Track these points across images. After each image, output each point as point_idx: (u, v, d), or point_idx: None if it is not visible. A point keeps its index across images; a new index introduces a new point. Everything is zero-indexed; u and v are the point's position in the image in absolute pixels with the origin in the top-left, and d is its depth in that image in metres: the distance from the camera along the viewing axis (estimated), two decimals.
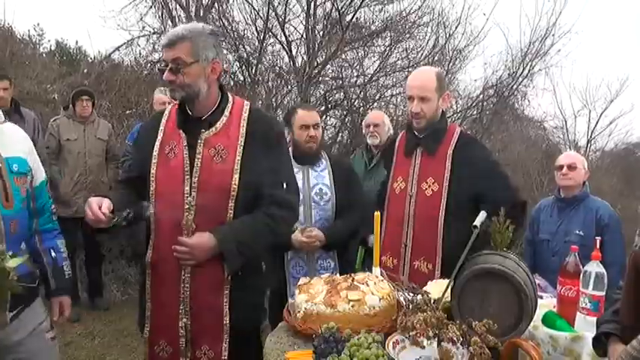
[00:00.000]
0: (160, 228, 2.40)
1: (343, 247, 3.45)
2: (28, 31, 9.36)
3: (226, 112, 2.41)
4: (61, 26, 17.51)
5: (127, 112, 7.73)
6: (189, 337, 2.39)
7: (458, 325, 1.73)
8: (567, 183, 3.82)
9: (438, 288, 2.12)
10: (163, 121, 2.50)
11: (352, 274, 2.26)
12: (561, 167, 3.84)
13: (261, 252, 2.47)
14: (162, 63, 2.33)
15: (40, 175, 2.36)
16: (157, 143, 2.43)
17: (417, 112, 2.86)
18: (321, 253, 3.35)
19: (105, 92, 7.82)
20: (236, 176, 2.32)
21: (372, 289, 2.08)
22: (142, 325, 2.49)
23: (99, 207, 2.22)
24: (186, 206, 2.33)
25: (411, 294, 1.90)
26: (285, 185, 2.42)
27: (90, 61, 9.34)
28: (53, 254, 2.41)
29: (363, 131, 5.10)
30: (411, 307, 1.81)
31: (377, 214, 2.50)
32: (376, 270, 2.38)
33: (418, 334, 1.71)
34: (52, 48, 9.79)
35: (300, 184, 3.32)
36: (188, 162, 2.35)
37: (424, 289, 2.04)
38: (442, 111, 2.97)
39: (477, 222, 1.97)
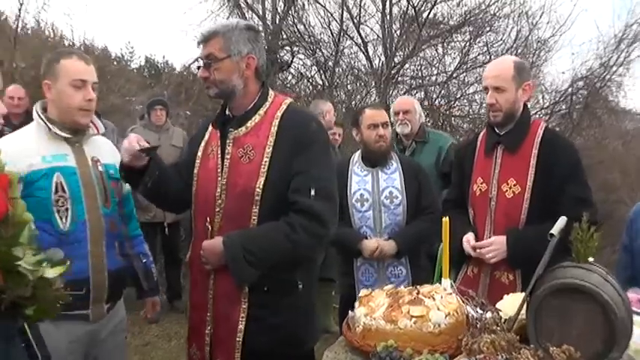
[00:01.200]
0: (195, 229, 2.33)
1: (415, 253, 3.28)
2: (121, 49, 9.85)
3: (261, 111, 2.25)
4: (150, 43, 18.37)
5: (204, 119, 7.89)
6: (211, 347, 2.27)
7: (533, 351, 1.50)
8: None
9: (515, 303, 1.89)
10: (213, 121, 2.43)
11: (417, 287, 2.07)
12: None
13: (280, 265, 2.18)
14: (198, 60, 2.28)
15: (126, 184, 2.49)
16: (203, 144, 2.36)
17: (491, 103, 2.62)
18: (391, 259, 3.21)
19: (184, 101, 8.02)
20: (261, 179, 2.15)
21: (438, 304, 1.88)
22: None
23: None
24: (217, 209, 2.22)
25: (480, 311, 1.69)
26: (313, 192, 2.16)
27: (172, 72, 9.67)
28: (143, 258, 2.60)
29: (391, 119, 4.48)
30: (478, 326, 1.61)
31: (445, 220, 2.27)
32: (445, 282, 2.16)
33: (486, 359, 1.50)
34: (142, 63, 10.25)
35: (369, 186, 3.24)
36: (220, 163, 2.25)
37: (499, 303, 1.83)
38: (524, 104, 2.70)
39: (555, 230, 1.73)
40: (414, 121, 4.30)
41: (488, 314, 1.64)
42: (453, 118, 10.36)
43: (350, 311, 2.06)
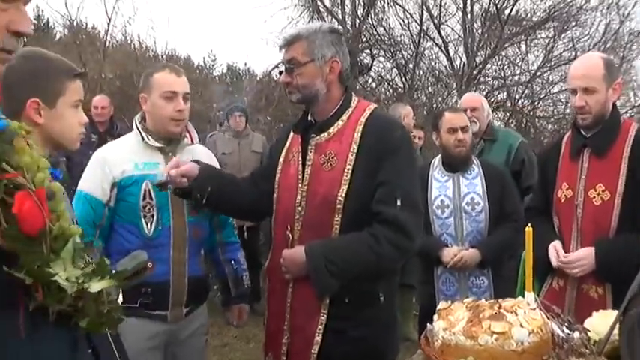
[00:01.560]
0: (275, 237, 2.32)
1: (498, 263, 3.17)
2: (203, 58, 10.21)
3: (344, 117, 2.19)
4: (231, 51, 18.89)
5: (285, 125, 8.01)
6: (287, 356, 2.23)
7: None
8: None
9: (605, 321, 1.77)
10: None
11: (499, 300, 1.98)
12: None
13: (362, 276, 2.11)
14: (280, 65, 2.27)
15: None
16: (284, 151, 2.34)
17: (580, 105, 2.44)
18: (473, 269, 3.12)
19: (264, 107, 8.17)
20: (344, 187, 2.09)
21: (522, 320, 1.79)
22: None
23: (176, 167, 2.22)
24: (296, 217, 2.18)
25: (567, 330, 1.60)
26: (399, 202, 2.08)
27: (253, 79, 9.91)
28: (234, 265, 2.69)
29: None
30: (565, 347, 1.51)
31: (528, 229, 2.16)
32: (529, 296, 2.06)
33: None
34: (224, 71, 10.58)
35: (450, 192, 3.17)
36: (301, 169, 2.21)
37: (588, 321, 1.72)
38: (613, 104, 2.52)
39: None
40: (482, 118, 4.09)
41: (576, 334, 1.55)
42: (536, 119, 10.00)
43: (429, 323, 2.01)
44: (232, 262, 2.69)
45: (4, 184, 1.00)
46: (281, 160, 2.33)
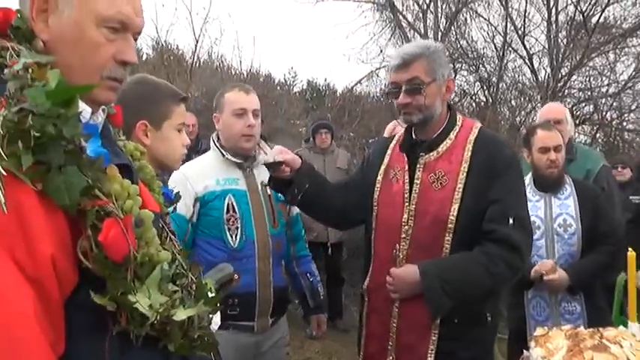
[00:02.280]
0: (377, 255, 2.29)
1: (591, 288, 3.04)
2: (284, 75, 10.43)
3: (452, 135, 2.21)
4: (311, 67, 19.23)
5: (369, 140, 8.03)
6: None
7: None
8: None
9: None
10: (391, 144, 2.42)
11: (601, 329, 1.93)
12: None
13: (475, 297, 2.13)
14: (392, 86, 2.21)
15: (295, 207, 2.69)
16: (383, 167, 2.35)
17: None
18: (565, 294, 3.00)
19: (347, 123, 8.25)
20: (455, 206, 2.09)
21: (627, 353, 1.74)
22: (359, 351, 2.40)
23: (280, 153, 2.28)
24: (402, 235, 2.18)
25: None
26: (512, 221, 2.08)
27: (334, 95, 10.01)
28: (310, 277, 2.80)
29: None
30: None
31: (631, 254, 2.10)
32: (633, 327, 1.99)
33: None
34: (304, 87, 10.77)
35: (541, 213, 3.07)
36: (408, 188, 2.21)
37: None
38: None
39: None
40: (565, 132, 3.74)
41: None
42: (626, 133, 9.56)
43: (524, 350, 1.99)
44: (308, 274, 2.79)
45: (95, 210, 1.03)
46: (379, 177, 2.33)
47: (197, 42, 8.41)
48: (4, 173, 0.94)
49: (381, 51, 10.18)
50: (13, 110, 0.98)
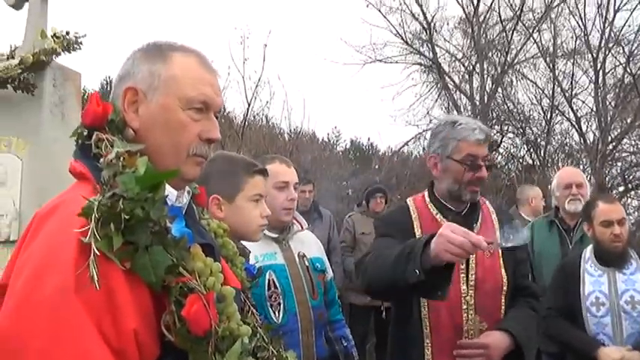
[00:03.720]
0: (438, 329, 2.25)
1: None
2: (327, 134, 10.57)
3: (479, 206, 2.40)
4: (355, 126, 19.49)
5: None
6: None
7: None
8: None
9: None
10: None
11: None
12: None
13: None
14: (470, 158, 2.26)
15: (330, 271, 2.72)
16: None
17: None
18: None
19: (396, 186, 8.26)
20: (503, 271, 2.29)
21: None
22: None
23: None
24: (464, 306, 2.22)
25: None
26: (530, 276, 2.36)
27: (380, 156, 10.06)
28: (344, 342, 2.72)
29: (557, 194, 3.85)
30: None
31: None
32: None
33: None
34: (347, 146, 10.87)
35: (605, 288, 2.96)
36: (464, 260, 2.21)
37: None
38: None
39: None
40: (586, 196, 3.71)
41: None
42: None
43: None
44: (342, 339, 2.73)
45: (179, 287, 1.08)
46: None
47: (249, 105, 8.61)
48: (98, 253, 1.01)
49: (428, 112, 10.26)
50: (107, 195, 1.06)
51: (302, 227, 2.66)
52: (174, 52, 1.26)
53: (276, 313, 2.40)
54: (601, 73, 9.32)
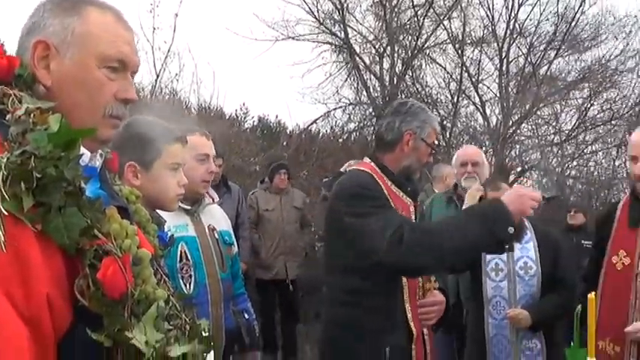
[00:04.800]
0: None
1: (551, 326, 3.17)
2: (235, 110, 10.40)
3: None
4: (263, 103, 19.30)
5: (325, 180, 8.10)
6: None
7: None
8: None
9: None
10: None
11: None
12: None
13: None
14: (434, 145, 2.51)
15: (235, 246, 2.76)
16: None
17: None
18: (526, 332, 3.11)
19: (303, 163, 8.30)
20: None
21: None
22: None
23: None
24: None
25: None
26: None
27: (288, 134, 10.05)
28: (246, 315, 2.77)
29: (454, 171, 4.11)
30: None
31: (591, 296, 2.22)
32: None
33: None
34: (255, 123, 10.74)
35: (504, 256, 3.17)
36: None
37: None
38: None
39: None
40: (482, 174, 3.94)
41: None
42: (568, 179, 10.00)
43: None
44: (244, 312, 2.77)
45: (93, 249, 1.05)
46: None
47: (157, 76, 8.35)
48: (5, 214, 0.96)
49: (337, 91, 10.32)
50: (16, 153, 1.00)
51: (213, 200, 2.65)
52: (89, 7, 1.19)
53: (187, 285, 2.40)
54: (505, 61, 9.80)
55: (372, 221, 2.25)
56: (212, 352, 1.32)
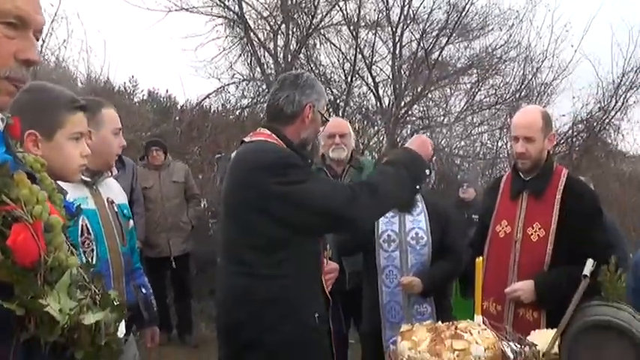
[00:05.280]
0: None
1: (440, 292, 3.41)
2: (124, 83, 9.99)
3: None
4: (153, 77, 18.57)
5: (217, 155, 8.06)
6: None
7: None
8: None
9: (542, 338, 2.05)
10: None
11: (455, 322, 2.24)
12: None
13: None
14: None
15: (132, 220, 2.68)
16: None
17: (522, 152, 2.82)
18: (417, 297, 3.31)
19: (196, 138, 8.18)
20: None
21: (477, 339, 2.04)
22: None
23: None
24: None
25: (518, 345, 1.86)
26: None
27: (180, 108, 9.82)
28: (143, 290, 2.71)
29: (322, 142, 4.04)
30: (519, 359, 1.77)
31: (479, 260, 2.45)
32: (478, 318, 2.32)
33: None
34: (145, 97, 10.38)
35: (396, 227, 3.36)
36: None
37: (528, 339, 1.99)
38: (548, 152, 2.91)
39: (587, 271, 1.91)
40: (349, 145, 3.99)
41: (527, 348, 1.80)
42: (456, 158, 10.61)
43: (392, 345, 2.23)
44: (142, 287, 2.72)
45: (2, 216, 1.00)
46: None
47: (43, 42, 7.84)
48: None
49: (231, 66, 10.15)
50: None
51: (111, 173, 2.61)
52: None
53: (90, 259, 2.32)
54: (398, 45, 10.10)
55: (316, 185, 2.28)
56: (123, 324, 1.31)
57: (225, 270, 2.36)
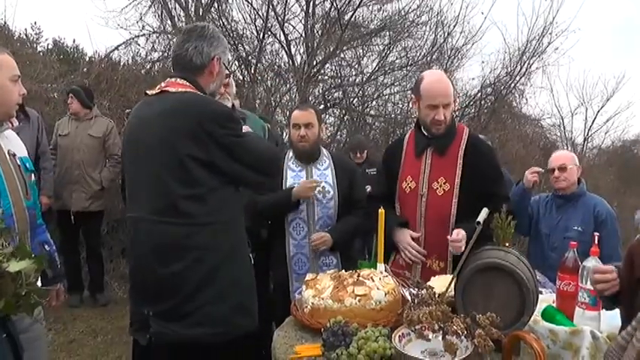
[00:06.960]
0: None
1: (347, 245, 3.52)
2: (25, 29, 9.34)
3: None
4: (58, 25, 17.56)
5: (127, 110, 7.77)
6: None
7: (462, 319, 1.78)
8: (561, 185, 3.84)
9: (441, 283, 2.18)
10: None
11: (358, 270, 2.32)
12: (553, 170, 3.88)
13: None
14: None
15: (35, 174, 2.55)
16: None
17: (442, 119, 2.89)
18: (324, 249, 3.40)
19: (105, 91, 7.85)
20: None
21: (378, 285, 2.14)
22: None
23: None
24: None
25: (416, 289, 1.96)
26: None
27: (89, 60, 9.35)
28: (47, 247, 2.58)
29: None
30: (416, 301, 1.87)
31: (381, 211, 2.55)
32: (380, 266, 2.43)
33: (423, 328, 1.76)
34: (50, 47, 9.78)
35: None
36: None
37: (428, 284, 2.10)
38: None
39: (480, 218, 2.04)
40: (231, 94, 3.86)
41: (424, 291, 1.90)
42: (368, 117, 10.81)
43: (297, 294, 2.28)
44: (45, 244, 2.61)
45: None
46: None
47: None
48: None
49: (141, 18, 9.71)
50: None
51: (12, 124, 2.45)
52: None
53: None
54: (312, 4, 10.06)
55: (255, 139, 2.43)
56: (38, 279, 1.29)
57: (151, 223, 2.29)
